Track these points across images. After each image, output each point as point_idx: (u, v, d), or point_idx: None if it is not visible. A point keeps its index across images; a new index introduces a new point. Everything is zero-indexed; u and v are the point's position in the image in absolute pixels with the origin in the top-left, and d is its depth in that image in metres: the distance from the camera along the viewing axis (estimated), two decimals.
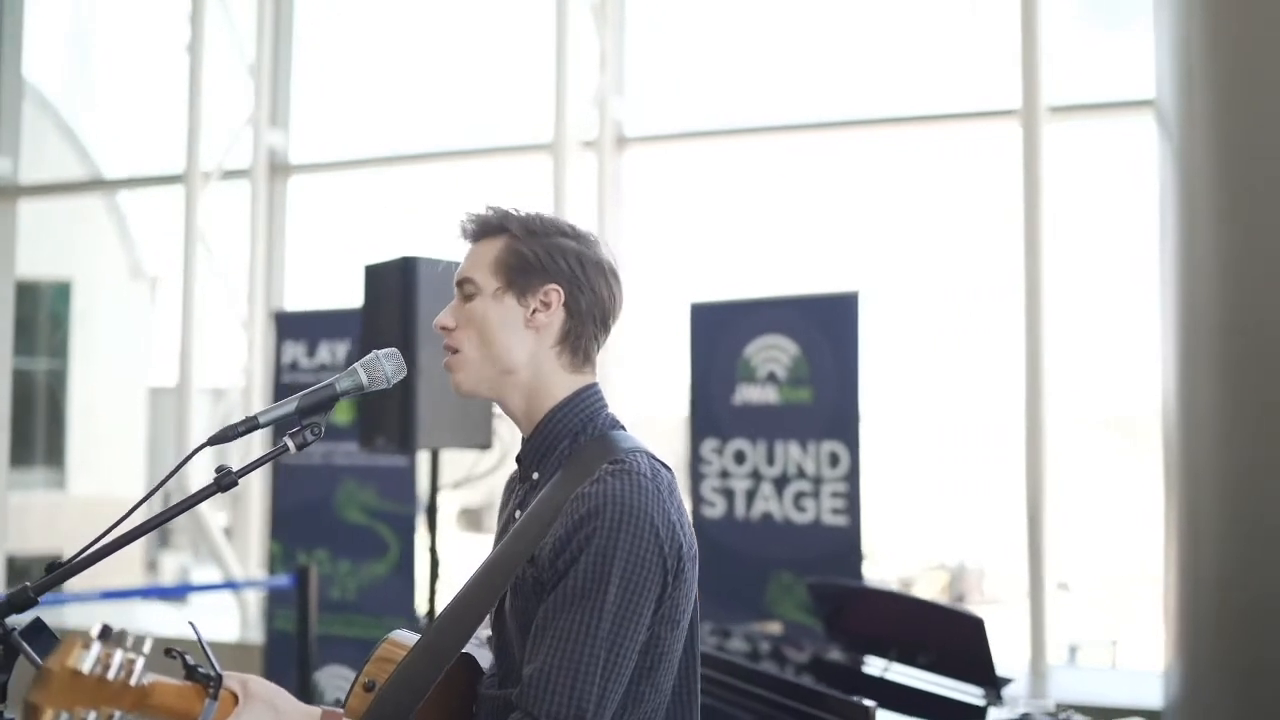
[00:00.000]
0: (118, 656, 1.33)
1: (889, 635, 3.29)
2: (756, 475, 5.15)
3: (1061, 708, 2.90)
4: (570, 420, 1.79)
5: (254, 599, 6.98)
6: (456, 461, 5.12)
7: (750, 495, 5.14)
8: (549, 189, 6.45)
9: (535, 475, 1.80)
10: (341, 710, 1.59)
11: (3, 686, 1.55)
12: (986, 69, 6.07)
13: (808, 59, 6.73)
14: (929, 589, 11.59)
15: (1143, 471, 5.28)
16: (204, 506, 6.95)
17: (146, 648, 1.37)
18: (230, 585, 6.25)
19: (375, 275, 3.77)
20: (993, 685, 3.02)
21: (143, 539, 1.78)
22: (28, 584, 1.59)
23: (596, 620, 1.59)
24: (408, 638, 1.80)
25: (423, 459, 5.46)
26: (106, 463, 16.90)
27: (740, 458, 5.22)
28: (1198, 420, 4.56)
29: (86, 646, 1.32)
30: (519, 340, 1.78)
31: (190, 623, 1.52)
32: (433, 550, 3.83)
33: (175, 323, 7.20)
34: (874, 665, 3.35)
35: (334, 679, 5.53)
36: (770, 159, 6.87)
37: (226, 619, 7.02)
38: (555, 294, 1.78)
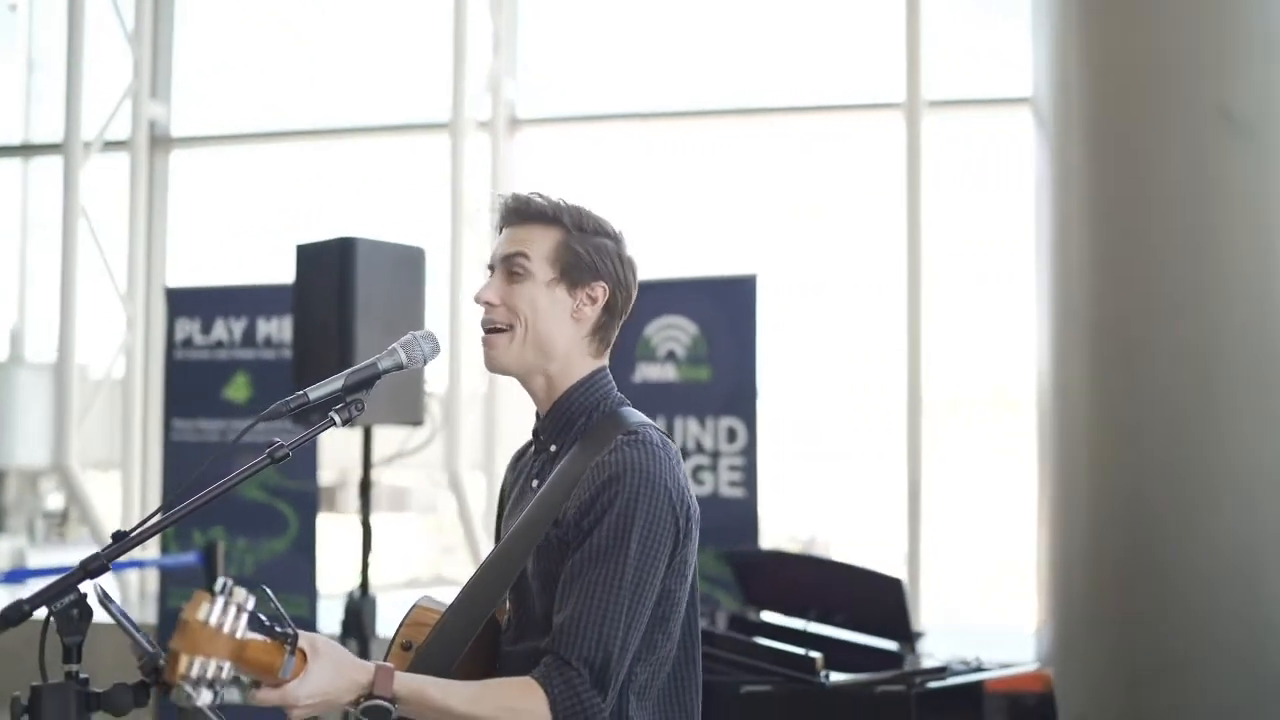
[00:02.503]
0: (231, 610, 1.45)
1: (809, 598, 3.52)
2: None
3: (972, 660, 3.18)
4: (587, 399, 1.93)
5: (136, 578, 6.90)
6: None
7: None
8: (446, 168, 6.51)
9: (553, 448, 1.95)
10: (391, 666, 1.69)
11: (78, 647, 1.63)
12: (874, 63, 6.35)
13: (701, 47, 6.91)
14: None
15: (1017, 446, 5.66)
16: (89, 489, 6.84)
17: (250, 604, 1.48)
18: (136, 564, 6.16)
19: (309, 254, 3.82)
20: (908, 640, 3.28)
21: None
22: (100, 551, 1.67)
23: (620, 573, 1.74)
24: (436, 603, 1.93)
25: (336, 436, 5.52)
26: None
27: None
28: (1070, 396, 4.92)
29: (212, 600, 1.44)
30: (562, 329, 1.91)
31: (263, 588, 1.62)
32: (365, 524, 3.91)
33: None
34: (794, 624, 3.57)
35: None
36: (665, 144, 7.04)
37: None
38: (602, 291, 1.92)
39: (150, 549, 6.76)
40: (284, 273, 6.09)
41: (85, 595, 1.64)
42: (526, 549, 1.83)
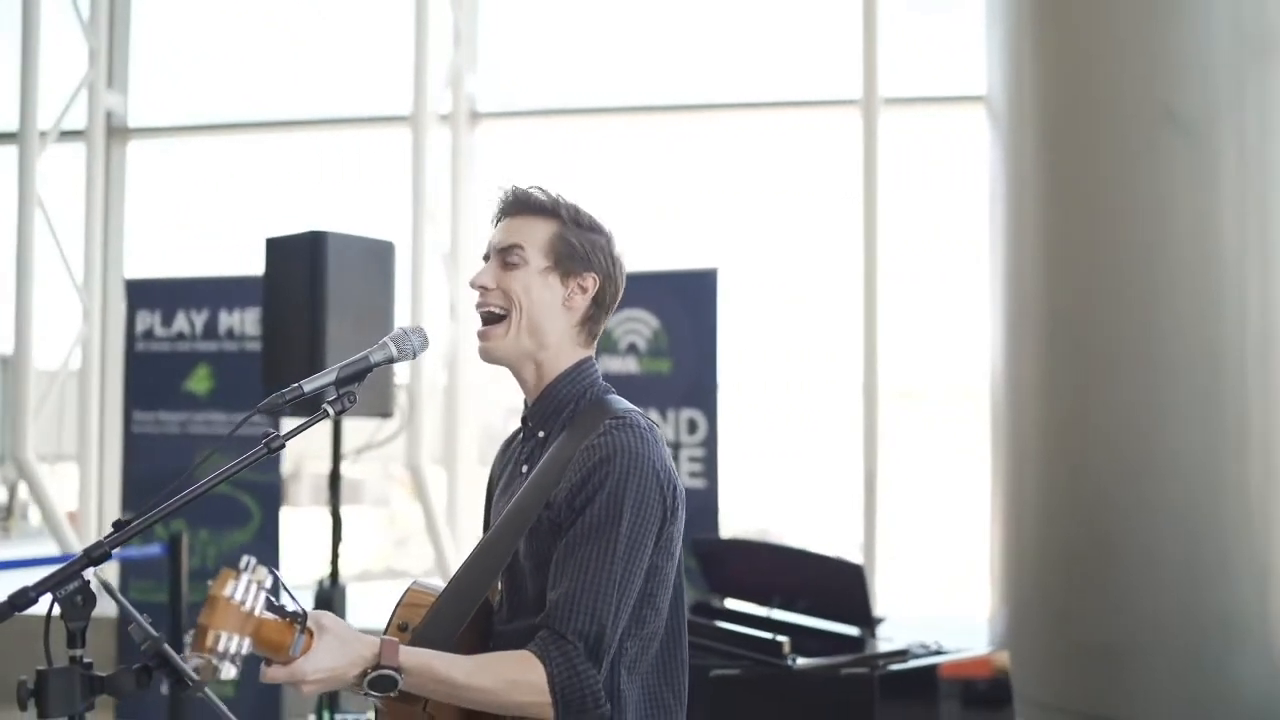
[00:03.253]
0: (253, 588, 1.51)
1: (772, 585, 3.61)
2: None
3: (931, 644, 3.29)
4: (575, 387, 2.01)
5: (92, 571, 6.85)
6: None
7: None
8: (407, 161, 6.53)
9: (541, 433, 2.02)
10: (395, 640, 1.76)
11: (82, 632, 1.68)
12: (832, 60, 6.44)
13: (660, 43, 6.97)
14: None
15: (971, 438, 5.79)
16: (47, 483, 6.79)
17: (268, 582, 1.54)
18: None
19: (279, 247, 3.85)
20: (869, 625, 3.38)
21: None
22: (103, 539, 1.72)
23: (612, 551, 1.83)
24: (430, 585, 2.00)
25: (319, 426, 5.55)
26: None
27: None
28: (1022, 388, 5.05)
29: (237, 577, 1.50)
30: (554, 318, 1.99)
31: (272, 570, 1.68)
32: (335, 514, 3.95)
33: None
34: (757, 611, 3.66)
35: None
36: (624, 139, 7.10)
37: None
38: (593, 281, 2.01)
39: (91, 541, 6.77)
40: (246, 265, 6.12)
41: (88, 582, 1.69)
42: (519, 532, 1.90)
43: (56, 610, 1.69)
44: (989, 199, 5.27)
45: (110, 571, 6.87)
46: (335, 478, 3.97)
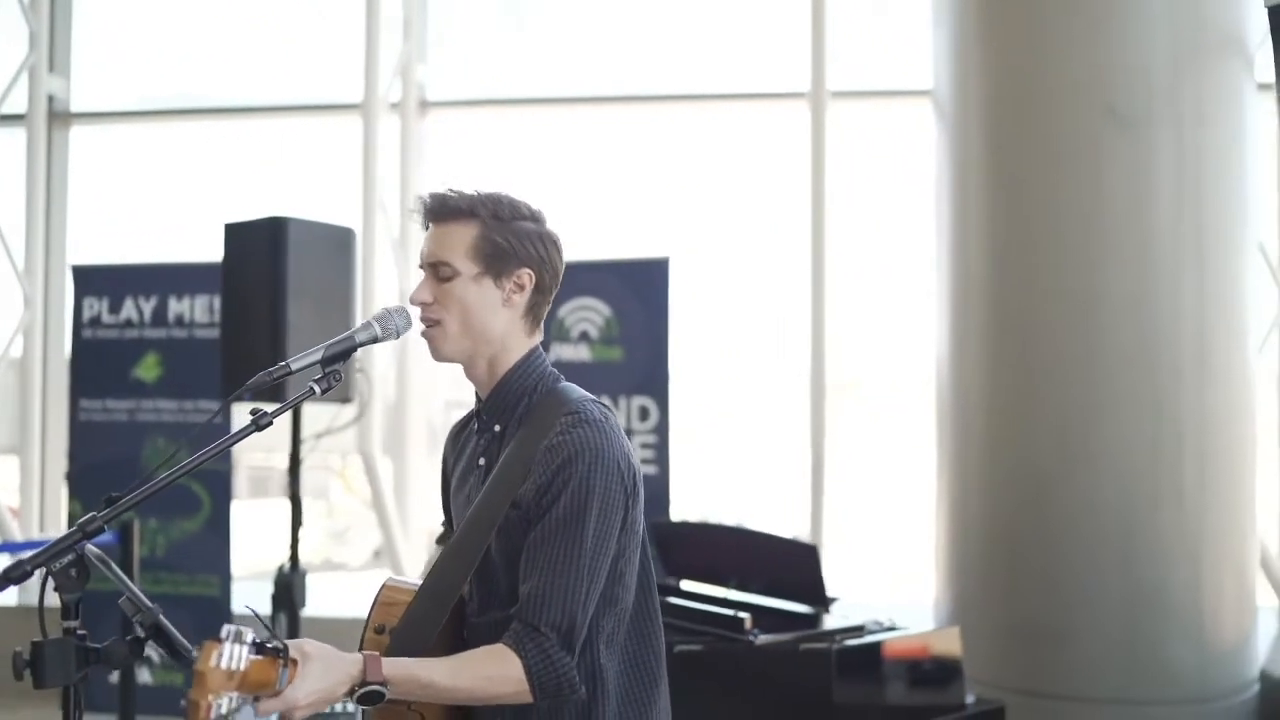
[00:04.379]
0: (237, 650, 1.56)
1: (728, 566, 3.69)
2: None
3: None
4: (526, 379, 2.04)
5: None
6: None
7: None
8: (357, 149, 6.53)
9: (497, 428, 2.05)
10: (376, 654, 1.80)
11: (76, 604, 1.71)
12: (781, 53, 6.53)
13: (610, 34, 7.01)
14: None
15: (916, 426, 5.91)
16: None
17: (249, 637, 1.59)
18: (36, 545, 6.07)
19: (238, 233, 3.86)
20: (822, 604, 3.47)
21: None
22: (96, 514, 1.75)
23: (580, 545, 1.88)
24: (404, 582, 2.04)
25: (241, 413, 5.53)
26: None
27: None
28: (966, 379, 5.17)
29: (219, 647, 1.54)
30: (495, 317, 2.01)
31: (248, 606, 1.72)
32: (295, 499, 3.97)
33: None
34: (714, 592, 3.74)
35: None
36: (574, 129, 7.14)
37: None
38: (528, 276, 2.02)
39: (32, 530, 6.70)
40: (195, 251, 6.09)
41: (83, 556, 1.71)
42: (488, 530, 1.95)
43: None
44: (934, 192, 5.38)
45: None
46: (295, 463, 3.99)
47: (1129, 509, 4.76)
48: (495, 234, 2.00)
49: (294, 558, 3.98)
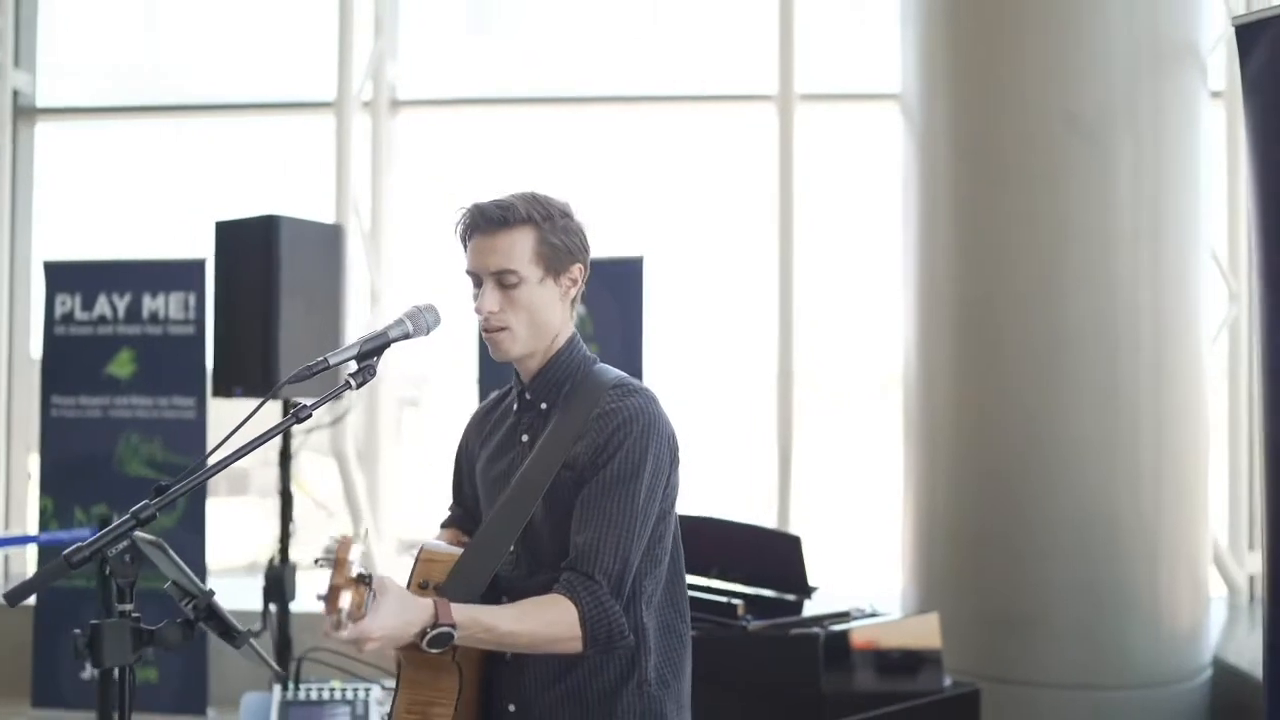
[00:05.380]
0: (359, 554, 1.68)
1: (712, 556, 3.79)
2: None
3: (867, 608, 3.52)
4: (572, 361, 2.19)
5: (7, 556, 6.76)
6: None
7: None
8: (324, 147, 6.56)
9: (544, 405, 2.18)
10: (445, 599, 1.90)
11: (131, 587, 1.79)
12: (750, 56, 6.62)
13: (579, 35, 7.07)
14: None
15: (884, 423, 6.05)
16: None
17: (364, 545, 1.69)
18: (24, 540, 6.05)
19: (230, 230, 3.91)
20: (805, 593, 3.59)
21: None
22: (149, 501, 1.82)
23: (633, 500, 2.03)
24: (441, 546, 2.15)
25: (225, 408, 5.56)
26: None
27: None
28: (933, 376, 5.32)
29: (355, 542, 1.67)
30: (554, 313, 2.16)
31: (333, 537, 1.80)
32: (285, 494, 4.02)
33: None
34: (698, 581, 3.84)
35: None
36: (548, 129, 7.21)
37: None
38: (579, 270, 2.18)
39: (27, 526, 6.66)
40: (166, 248, 6.10)
41: (136, 541, 1.79)
42: (537, 492, 2.07)
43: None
44: (902, 193, 5.51)
45: (16, 560, 6.79)
46: (285, 459, 4.04)
47: (1089, 501, 4.92)
48: (551, 236, 2.12)
49: (284, 551, 4.03)
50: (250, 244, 3.81)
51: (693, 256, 6.69)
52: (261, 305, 3.72)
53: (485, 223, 2.11)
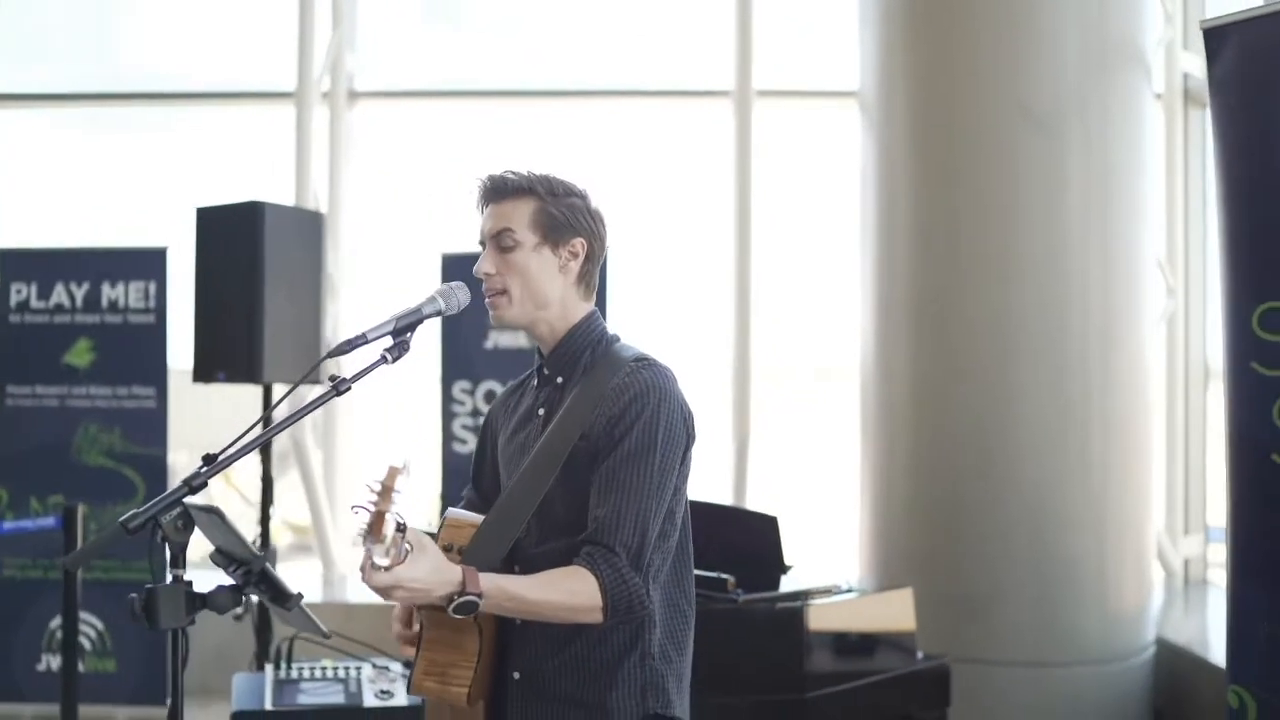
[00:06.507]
0: (404, 486, 1.73)
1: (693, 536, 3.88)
2: None
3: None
4: (589, 336, 2.25)
5: None
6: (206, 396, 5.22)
7: None
8: (280, 137, 6.56)
9: (560, 379, 2.24)
10: (474, 568, 1.96)
11: (182, 552, 1.84)
12: (709, 51, 6.71)
13: (538, 28, 7.11)
14: None
15: (841, 413, 6.18)
16: None
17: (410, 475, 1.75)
18: None
19: (211, 217, 3.92)
20: (782, 570, 3.69)
21: None
22: (202, 469, 1.87)
23: (649, 474, 2.08)
24: (463, 514, 2.21)
25: (186, 398, 5.56)
26: None
27: (492, 397, 5.65)
28: (891, 367, 5.45)
29: (401, 470, 1.71)
30: (553, 283, 2.21)
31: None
32: (266, 479, 4.04)
33: None
34: None
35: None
36: (505, 123, 7.24)
37: None
38: (581, 245, 2.23)
39: None
40: (126, 237, 6.06)
41: (188, 508, 1.84)
42: (557, 460, 2.13)
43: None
44: (860, 189, 5.64)
45: None
46: (266, 444, 4.05)
47: (1041, 485, 5.09)
48: (551, 207, 2.20)
49: (264, 536, 4.06)
50: (234, 230, 3.83)
51: (651, 250, 6.77)
52: (245, 291, 3.74)
53: (491, 190, 2.22)
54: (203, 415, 6.87)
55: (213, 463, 1.89)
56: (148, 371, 5.62)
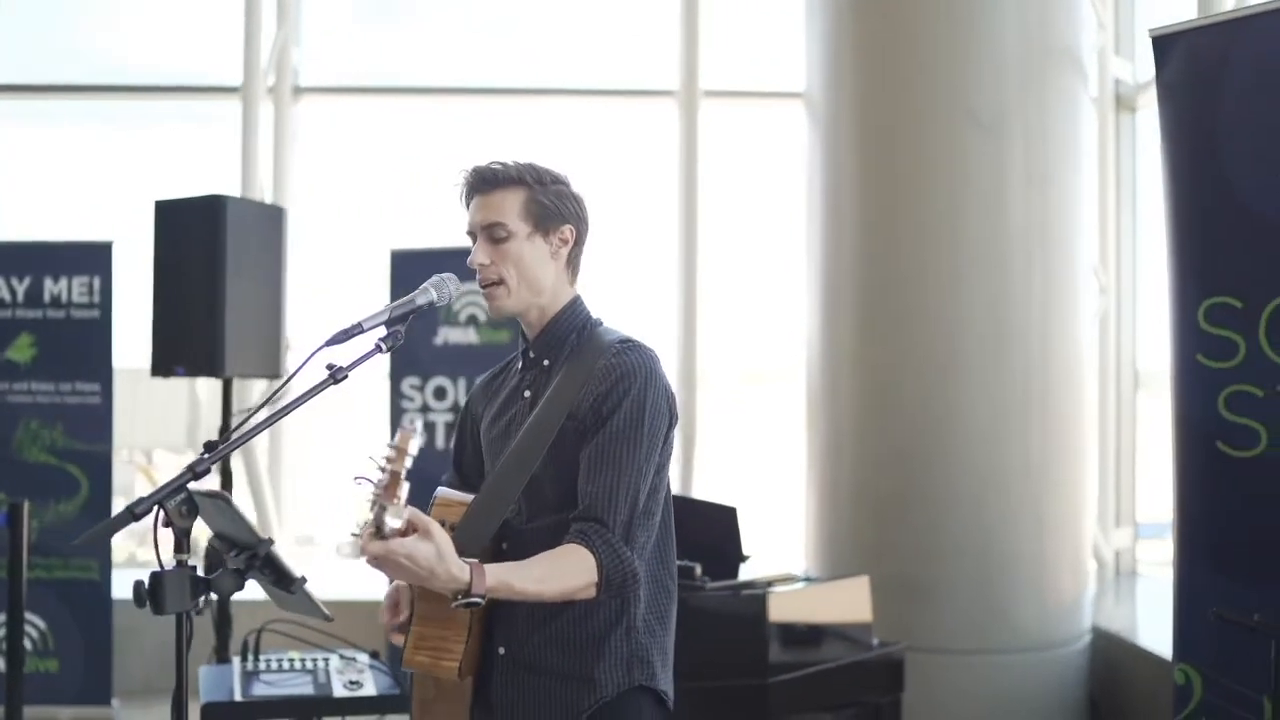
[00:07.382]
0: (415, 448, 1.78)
1: None
2: (457, 409, 5.63)
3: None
4: (574, 320, 2.31)
5: None
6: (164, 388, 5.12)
7: (450, 427, 5.61)
8: (226, 131, 6.52)
9: (546, 362, 2.29)
10: (482, 565, 1.98)
11: (186, 537, 1.86)
12: (654, 51, 6.77)
13: (483, 25, 7.11)
14: None
15: (787, 409, 6.28)
16: None
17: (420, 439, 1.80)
18: None
19: (170, 211, 3.90)
20: (739, 561, 3.77)
21: None
22: (205, 455, 1.89)
23: (636, 450, 2.14)
24: (453, 492, 2.25)
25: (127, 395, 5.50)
26: None
27: (441, 394, 5.67)
28: (838, 364, 5.56)
29: (413, 437, 1.77)
30: (546, 270, 2.27)
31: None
32: (225, 473, 4.03)
33: None
34: None
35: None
36: (450, 120, 7.24)
37: None
38: (570, 231, 2.29)
39: None
40: (69, 230, 5.97)
41: (192, 494, 1.86)
42: (545, 439, 2.17)
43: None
44: (806, 188, 5.74)
45: None
46: (225, 439, 4.04)
47: (982, 476, 5.22)
48: (540, 196, 2.25)
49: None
50: (195, 224, 3.81)
51: (597, 250, 6.81)
52: (206, 285, 3.73)
53: (480, 182, 2.26)
54: (143, 414, 6.81)
55: (213, 449, 1.91)
56: (92, 367, 5.55)
